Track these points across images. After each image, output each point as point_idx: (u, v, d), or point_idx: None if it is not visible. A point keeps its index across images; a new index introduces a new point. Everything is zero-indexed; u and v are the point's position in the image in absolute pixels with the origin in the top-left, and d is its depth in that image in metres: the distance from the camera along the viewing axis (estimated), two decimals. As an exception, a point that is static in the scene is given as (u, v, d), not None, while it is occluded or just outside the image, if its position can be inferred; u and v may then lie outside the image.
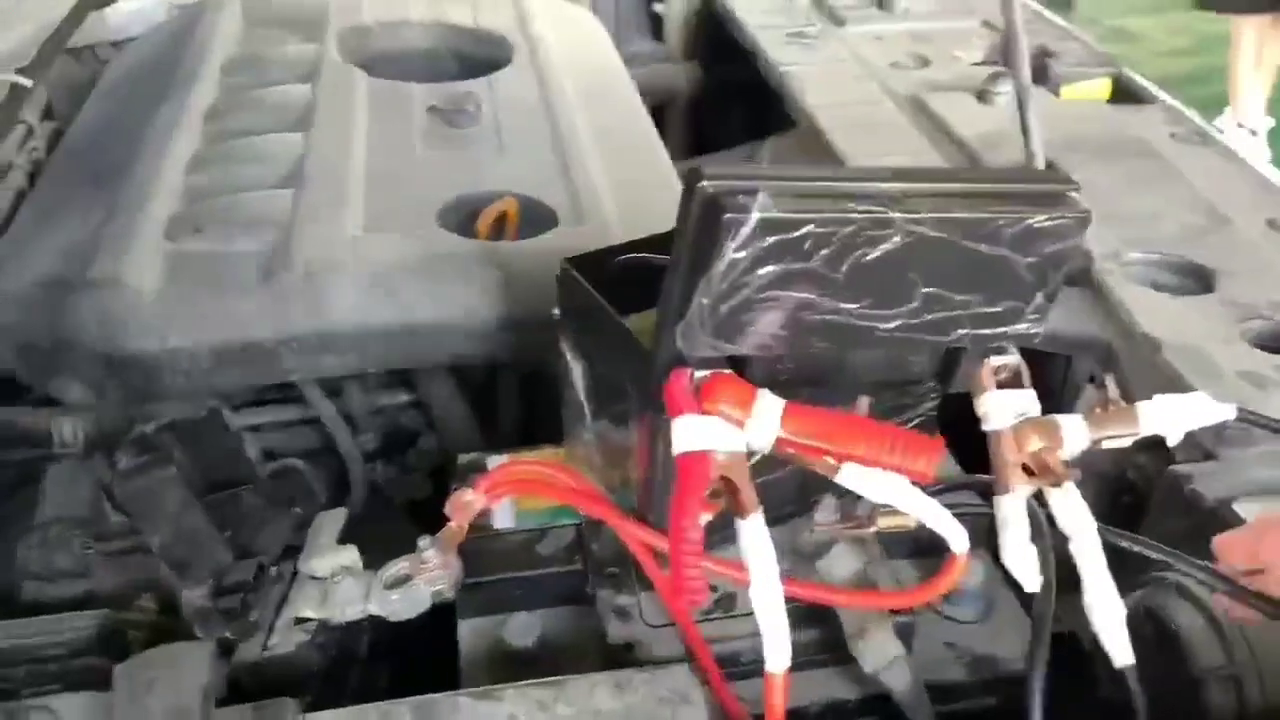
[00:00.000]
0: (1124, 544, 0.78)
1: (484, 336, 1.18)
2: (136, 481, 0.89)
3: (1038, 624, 0.72)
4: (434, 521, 0.87)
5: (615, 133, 1.56)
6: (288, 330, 1.14)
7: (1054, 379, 1.23)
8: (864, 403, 0.73)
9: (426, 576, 0.84)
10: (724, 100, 2.27)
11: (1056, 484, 0.74)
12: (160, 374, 1.12)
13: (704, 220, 0.65)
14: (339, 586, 0.87)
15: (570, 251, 0.89)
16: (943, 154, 1.52)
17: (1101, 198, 1.35)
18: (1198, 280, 1.22)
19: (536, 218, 1.34)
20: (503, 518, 0.96)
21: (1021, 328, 0.77)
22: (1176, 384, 1.02)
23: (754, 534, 0.70)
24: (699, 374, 0.71)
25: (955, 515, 0.74)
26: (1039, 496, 0.75)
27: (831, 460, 0.71)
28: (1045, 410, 0.77)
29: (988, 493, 0.77)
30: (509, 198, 1.35)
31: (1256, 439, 0.96)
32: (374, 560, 0.89)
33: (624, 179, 1.42)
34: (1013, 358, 0.78)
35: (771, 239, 0.65)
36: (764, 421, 0.70)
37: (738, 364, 0.73)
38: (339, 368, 1.18)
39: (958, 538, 0.74)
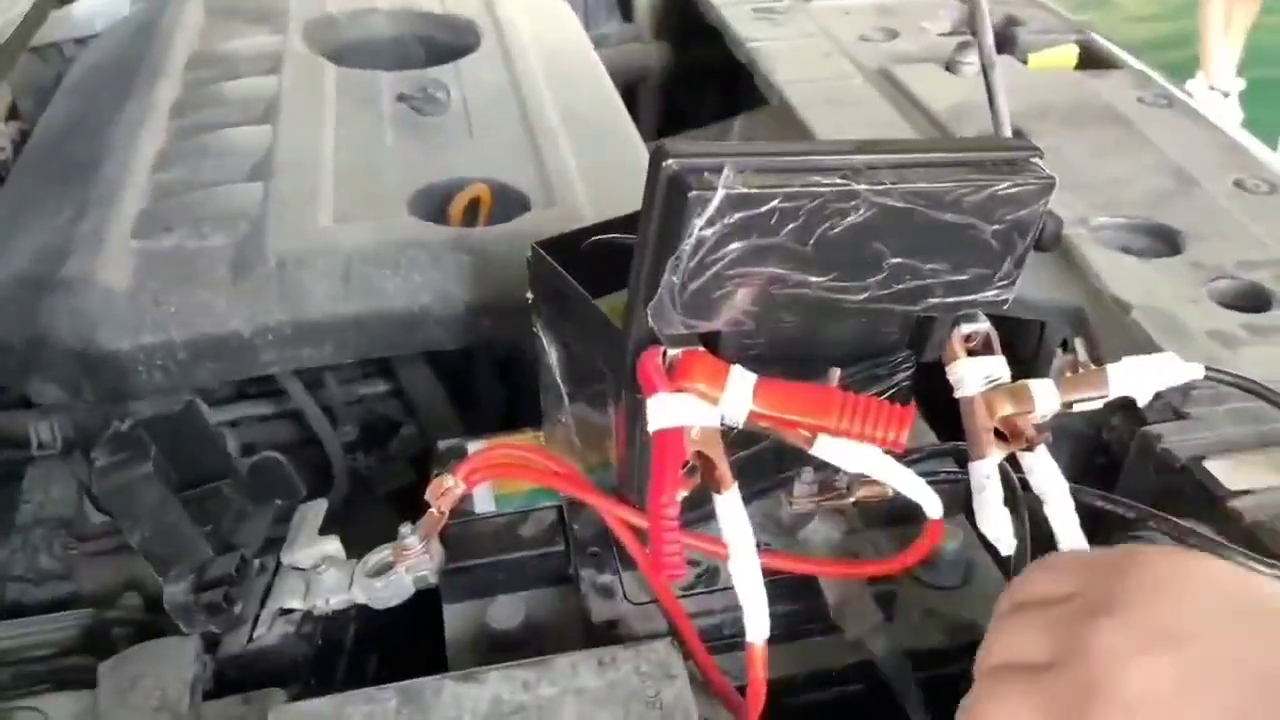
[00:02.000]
0: (1099, 503, 0.79)
1: (460, 322, 1.18)
2: (114, 479, 0.89)
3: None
4: (417, 509, 0.87)
5: (585, 115, 1.56)
6: (263, 323, 1.14)
7: (1028, 346, 1.24)
8: (835, 374, 0.73)
9: (409, 563, 0.85)
10: (695, 79, 2.26)
11: (1029, 448, 0.74)
12: (135, 371, 1.11)
13: (669, 198, 0.65)
14: (322, 576, 0.87)
15: (543, 235, 0.89)
16: (913, 126, 1.53)
17: (1070, 165, 1.36)
18: (1166, 242, 1.23)
19: (508, 202, 1.34)
20: (483, 502, 0.97)
21: (991, 294, 0.77)
22: (1147, 346, 1.03)
23: (730, 508, 0.70)
24: (671, 352, 0.72)
25: (933, 483, 0.75)
26: (1013, 461, 0.75)
27: (805, 433, 0.71)
28: (1021, 376, 0.78)
29: (963, 459, 0.78)
30: (480, 183, 1.35)
31: (1225, 397, 0.97)
32: (358, 550, 0.89)
33: (595, 161, 1.42)
34: (982, 325, 0.79)
35: (738, 215, 0.65)
36: (737, 396, 0.70)
37: (708, 341, 0.74)
38: (316, 359, 1.18)
39: (932, 504, 0.75)
